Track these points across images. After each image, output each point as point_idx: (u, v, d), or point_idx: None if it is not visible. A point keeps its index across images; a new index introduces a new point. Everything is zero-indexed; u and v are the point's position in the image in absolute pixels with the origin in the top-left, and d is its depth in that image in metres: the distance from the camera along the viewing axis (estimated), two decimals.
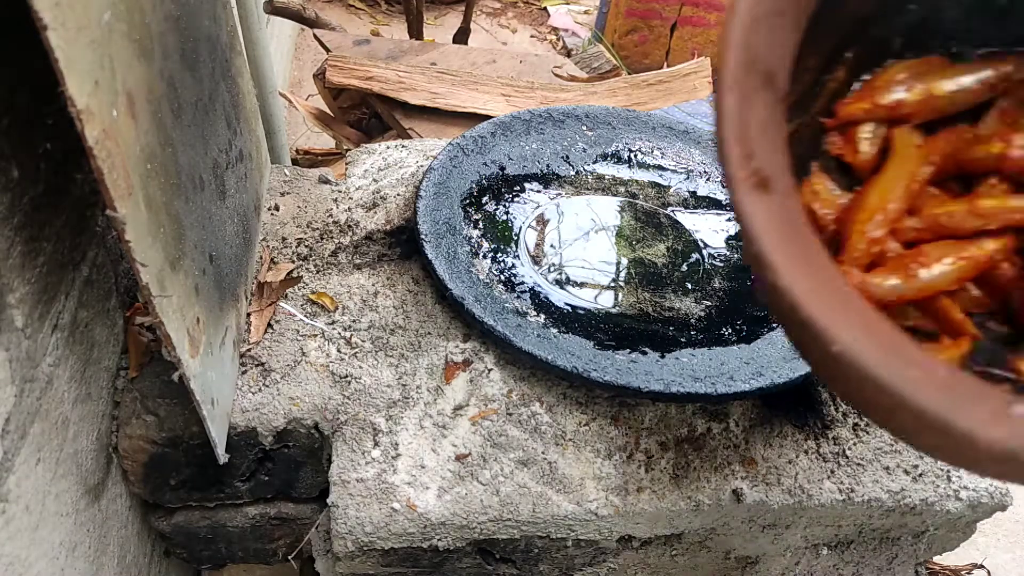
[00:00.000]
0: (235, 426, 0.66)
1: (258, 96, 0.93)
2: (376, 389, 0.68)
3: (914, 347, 0.34)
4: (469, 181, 0.87)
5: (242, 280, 0.71)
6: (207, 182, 0.60)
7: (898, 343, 0.34)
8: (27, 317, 0.50)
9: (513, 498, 0.63)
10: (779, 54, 0.40)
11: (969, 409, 0.31)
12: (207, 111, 0.61)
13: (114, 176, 0.42)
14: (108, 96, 0.41)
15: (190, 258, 0.55)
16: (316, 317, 0.74)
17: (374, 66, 1.27)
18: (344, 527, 0.62)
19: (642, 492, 0.64)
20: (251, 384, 0.68)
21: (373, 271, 0.78)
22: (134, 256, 0.44)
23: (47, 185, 0.52)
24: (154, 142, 0.48)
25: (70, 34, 0.37)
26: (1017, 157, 0.46)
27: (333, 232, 0.81)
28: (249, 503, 0.75)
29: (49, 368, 0.54)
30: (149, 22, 0.48)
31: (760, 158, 0.37)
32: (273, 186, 0.86)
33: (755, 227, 0.35)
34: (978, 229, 0.46)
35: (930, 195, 0.49)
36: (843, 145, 0.50)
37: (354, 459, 0.65)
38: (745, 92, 0.38)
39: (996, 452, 0.30)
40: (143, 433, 0.66)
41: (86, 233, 0.60)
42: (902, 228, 0.47)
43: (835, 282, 0.36)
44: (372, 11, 2.59)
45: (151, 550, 0.77)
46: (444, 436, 0.66)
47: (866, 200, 0.47)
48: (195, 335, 0.55)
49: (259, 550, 0.79)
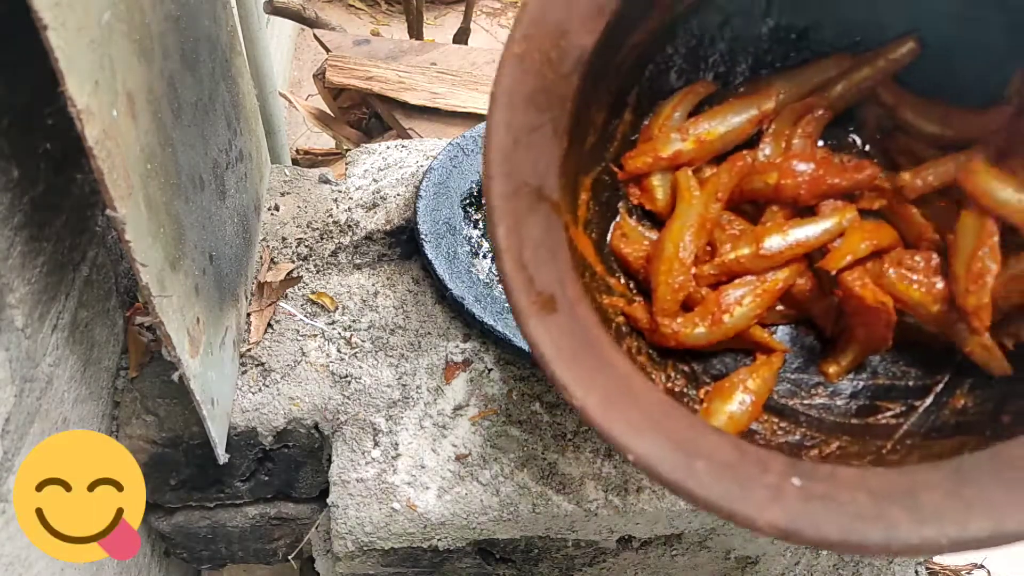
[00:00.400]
0: (235, 426, 0.66)
1: (258, 96, 0.93)
2: (376, 389, 0.68)
3: (703, 431, 0.37)
4: (469, 181, 0.87)
5: (242, 280, 0.71)
6: (207, 182, 0.60)
7: (687, 436, 0.37)
8: (27, 317, 0.50)
9: (513, 498, 0.63)
10: (546, 162, 0.41)
11: (750, 494, 0.35)
12: (207, 111, 0.61)
13: (114, 176, 0.42)
14: (108, 96, 0.41)
15: (190, 258, 0.55)
16: (316, 317, 0.74)
17: (374, 66, 1.28)
18: (344, 527, 0.62)
19: (642, 492, 0.64)
20: (251, 384, 0.68)
21: (373, 271, 0.78)
22: (134, 256, 0.44)
23: (47, 185, 0.52)
24: (154, 142, 0.48)
25: (70, 34, 0.37)
26: (789, 186, 0.50)
27: (333, 232, 0.81)
28: (249, 503, 0.75)
29: (49, 368, 0.54)
30: (149, 22, 0.48)
31: (541, 278, 0.39)
32: (273, 186, 0.86)
33: (546, 354, 0.38)
34: (768, 268, 0.50)
35: (727, 222, 0.52)
36: (641, 195, 0.52)
37: (354, 459, 0.65)
38: (517, 217, 0.39)
39: (775, 533, 0.34)
40: (143, 433, 0.66)
41: (86, 233, 0.60)
42: (703, 275, 0.51)
43: (626, 385, 0.39)
44: (372, 11, 2.59)
45: (151, 550, 0.77)
46: (444, 436, 0.66)
47: (663, 250, 0.50)
48: (195, 335, 0.55)
49: (259, 550, 0.79)
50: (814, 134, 0.53)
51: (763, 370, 0.51)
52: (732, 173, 0.51)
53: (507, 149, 0.39)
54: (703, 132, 0.51)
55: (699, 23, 0.51)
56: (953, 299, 0.48)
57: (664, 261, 0.49)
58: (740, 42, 0.54)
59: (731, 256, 0.50)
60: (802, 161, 0.51)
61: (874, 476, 0.37)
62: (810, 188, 0.51)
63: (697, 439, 0.38)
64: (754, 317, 0.51)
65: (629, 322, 0.51)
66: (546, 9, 0.39)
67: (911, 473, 0.37)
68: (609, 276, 0.52)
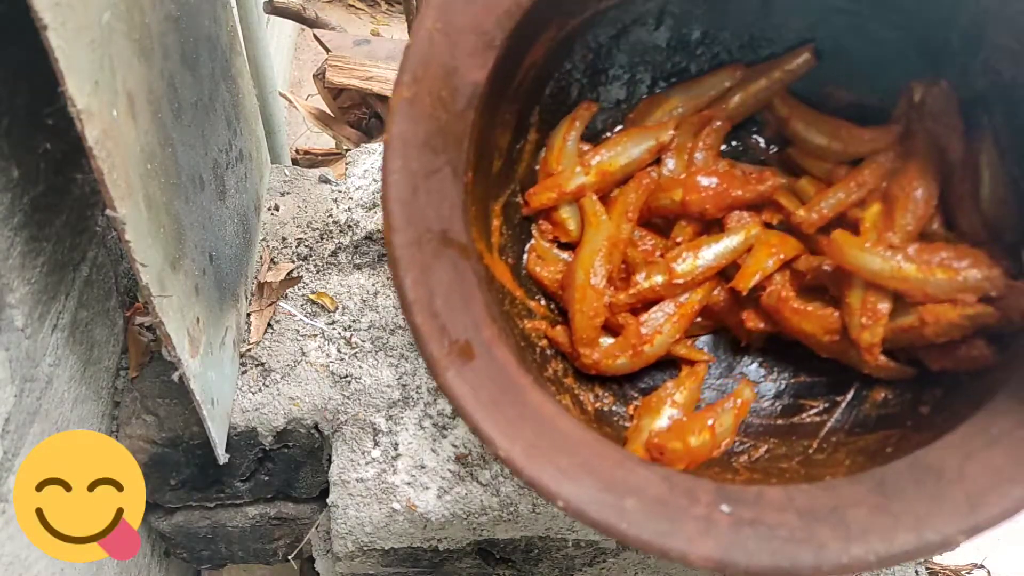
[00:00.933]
0: (235, 426, 0.66)
1: (258, 96, 0.93)
2: (376, 389, 0.68)
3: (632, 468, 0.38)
4: None
5: (242, 280, 0.71)
6: (207, 182, 0.60)
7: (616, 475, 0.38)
8: (27, 317, 0.50)
9: (513, 498, 0.63)
10: (449, 205, 0.40)
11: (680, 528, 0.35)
12: (207, 111, 0.61)
13: (114, 176, 0.42)
14: (108, 96, 0.41)
15: (190, 258, 0.55)
16: (316, 317, 0.74)
17: (374, 66, 1.27)
18: (344, 527, 0.62)
19: None
20: (251, 384, 0.68)
21: (373, 271, 0.78)
22: (134, 256, 0.44)
23: (47, 185, 0.52)
24: (154, 142, 0.48)
25: (70, 34, 0.37)
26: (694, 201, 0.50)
27: (333, 232, 0.81)
28: (249, 503, 0.75)
29: (49, 368, 0.54)
30: (149, 22, 0.48)
31: (455, 326, 0.38)
32: (273, 186, 0.86)
33: (466, 407, 0.37)
34: (683, 291, 0.50)
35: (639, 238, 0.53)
36: (553, 229, 0.53)
37: (354, 459, 0.65)
38: (423, 266, 0.38)
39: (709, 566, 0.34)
40: (143, 433, 0.66)
41: (86, 233, 0.60)
42: (619, 303, 0.51)
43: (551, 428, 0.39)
44: (372, 11, 2.59)
45: (151, 550, 0.77)
46: (444, 436, 0.66)
47: (575, 279, 0.50)
48: (195, 335, 0.55)
49: (259, 550, 0.79)
50: (715, 145, 0.54)
51: (689, 382, 0.51)
52: (639, 192, 0.52)
53: (406, 198, 0.38)
54: (604, 163, 0.51)
55: (594, 36, 0.51)
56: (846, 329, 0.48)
57: (577, 290, 0.50)
58: (638, 53, 0.53)
59: (645, 285, 0.50)
60: (706, 176, 0.51)
61: (800, 494, 0.38)
62: (715, 202, 0.51)
63: (626, 477, 0.38)
64: (674, 341, 0.52)
65: (553, 345, 0.51)
66: (431, 50, 0.38)
67: (836, 488, 0.38)
68: (529, 299, 0.51)
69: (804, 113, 0.52)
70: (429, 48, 0.38)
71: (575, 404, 0.49)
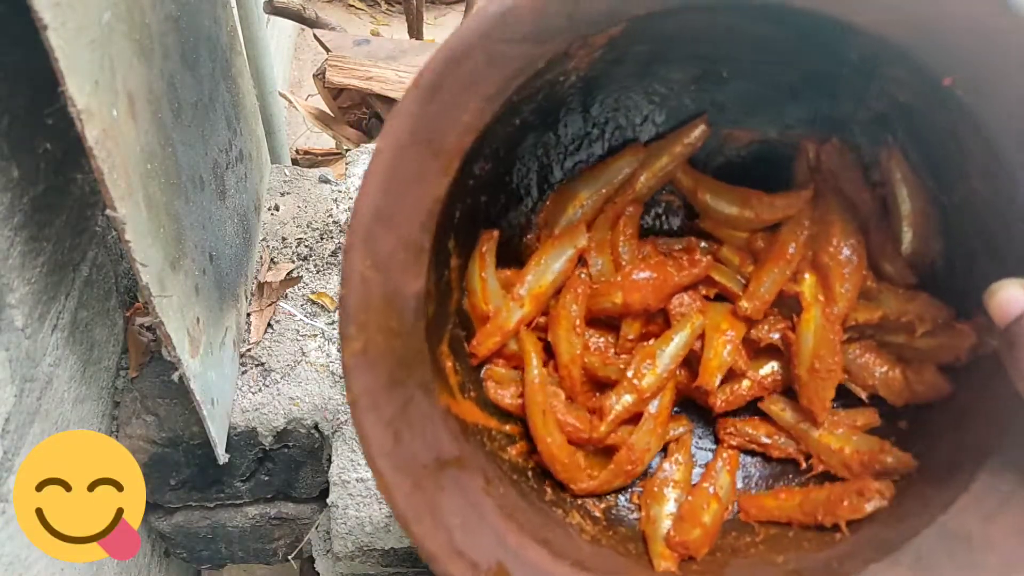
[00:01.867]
0: (235, 426, 0.66)
1: (258, 96, 0.93)
2: None
3: None
4: None
5: (242, 280, 0.71)
6: (207, 182, 0.60)
7: None
8: (27, 317, 0.50)
9: None
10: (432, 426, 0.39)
11: None
12: (207, 111, 0.61)
13: (114, 176, 0.42)
14: (108, 96, 0.41)
15: (190, 258, 0.55)
16: (316, 317, 0.74)
17: (374, 66, 1.28)
18: (344, 527, 0.62)
19: None
20: (251, 384, 0.68)
21: None
22: (134, 256, 0.44)
23: (47, 185, 0.52)
24: (154, 142, 0.48)
25: (70, 34, 0.37)
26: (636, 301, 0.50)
27: (333, 232, 0.81)
28: (249, 503, 0.75)
29: (49, 368, 0.54)
30: (149, 22, 0.48)
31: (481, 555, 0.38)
32: (273, 186, 0.86)
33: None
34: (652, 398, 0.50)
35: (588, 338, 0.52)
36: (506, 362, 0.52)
37: (354, 459, 0.65)
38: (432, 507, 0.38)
39: None
40: (143, 433, 0.66)
41: (86, 233, 0.60)
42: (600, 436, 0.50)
43: None
44: (372, 11, 2.59)
45: (151, 550, 0.77)
46: None
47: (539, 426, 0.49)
48: (195, 335, 0.55)
49: (259, 550, 0.80)
50: (633, 233, 0.54)
51: (680, 454, 0.51)
52: (579, 303, 0.51)
53: (390, 449, 0.37)
54: (533, 288, 0.51)
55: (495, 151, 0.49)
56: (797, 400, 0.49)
57: (539, 441, 0.49)
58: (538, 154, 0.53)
59: (619, 409, 0.49)
60: (639, 271, 0.51)
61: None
62: (656, 296, 0.51)
63: None
64: (659, 448, 0.51)
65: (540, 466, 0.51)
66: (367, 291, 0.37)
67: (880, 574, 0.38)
68: (504, 424, 0.51)
69: (710, 184, 0.52)
70: (364, 290, 0.36)
71: (585, 517, 0.49)
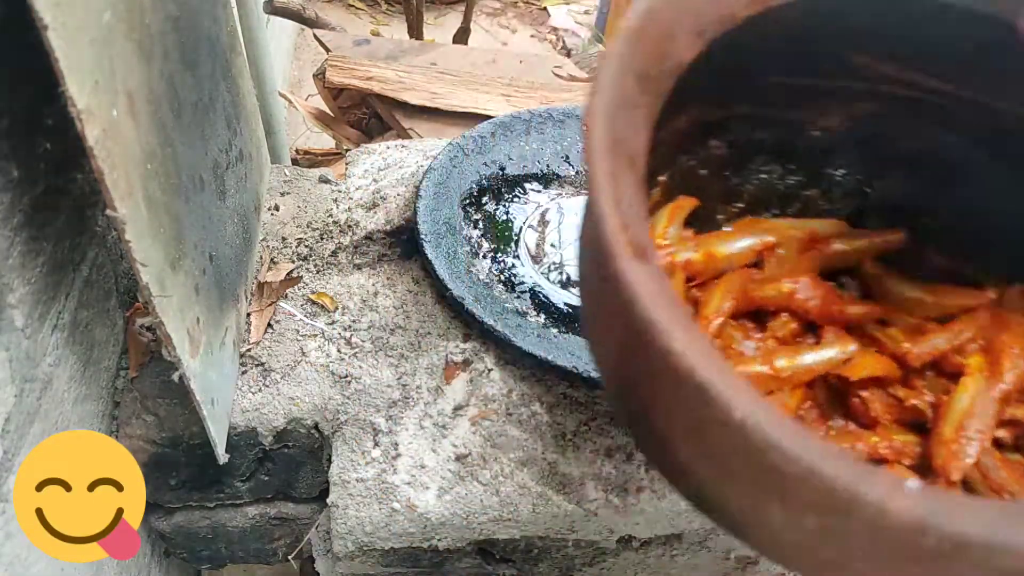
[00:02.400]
0: (235, 426, 0.66)
1: (258, 96, 0.93)
2: (376, 389, 0.68)
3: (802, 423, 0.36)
4: (469, 181, 0.87)
5: (242, 280, 0.71)
6: (207, 182, 0.60)
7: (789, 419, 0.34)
8: (27, 317, 0.50)
9: (513, 498, 0.63)
10: (637, 141, 0.40)
11: (873, 481, 0.31)
12: (207, 111, 0.61)
13: (114, 176, 0.42)
14: (108, 96, 0.41)
15: (190, 258, 0.55)
16: (316, 317, 0.74)
17: (374, 66, 1.28)
18: (344, 527, 0.62)
19: (642, 492, 0.64)
20: (251, 384, 0.68)
21: (373, 271, 0.78)
22: (134, 256, 0.44)
23: (47, 185, 0.52)
24: (154, 142, 0.48)
25: (70, 34, 0.37)
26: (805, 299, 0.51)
27: (333, 232, 0.81)
28: (249, 503, 0.75)
29: (49, 368, 0.54)
30: (149, 22, 0.48)
31: (634, 229, 0.37)
32: (273, 186, 0.86)
33: (641, 294, 0.34)
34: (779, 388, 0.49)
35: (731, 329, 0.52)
36: None
37: (354, 459, 0.65)
38: (615, 169, 0.38)
39: (905, 521, 0.30)
40: (143, 433, 0.66)
41: (86, 233, 0.60)
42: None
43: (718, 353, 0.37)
44: (372, 11, 2.59)
45: (151, 550, 0.77)
46: (444, 436, 0.66)
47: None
48: (195, 335, 0.55)
49: (259, 550, 0.80)
50: (814, 270, 0.54)
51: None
52: (735, 280, 0.52)
53: (612, 112, 0.39)
54: (710, 243, 0.52)
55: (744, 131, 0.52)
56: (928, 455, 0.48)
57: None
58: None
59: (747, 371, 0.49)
60: (808, 287, 0.52)
61: None
62: (819, 308, 0.52)
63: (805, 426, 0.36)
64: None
65: None
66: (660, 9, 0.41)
67: None
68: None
69: (895, 274, 0.54)
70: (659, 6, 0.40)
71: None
